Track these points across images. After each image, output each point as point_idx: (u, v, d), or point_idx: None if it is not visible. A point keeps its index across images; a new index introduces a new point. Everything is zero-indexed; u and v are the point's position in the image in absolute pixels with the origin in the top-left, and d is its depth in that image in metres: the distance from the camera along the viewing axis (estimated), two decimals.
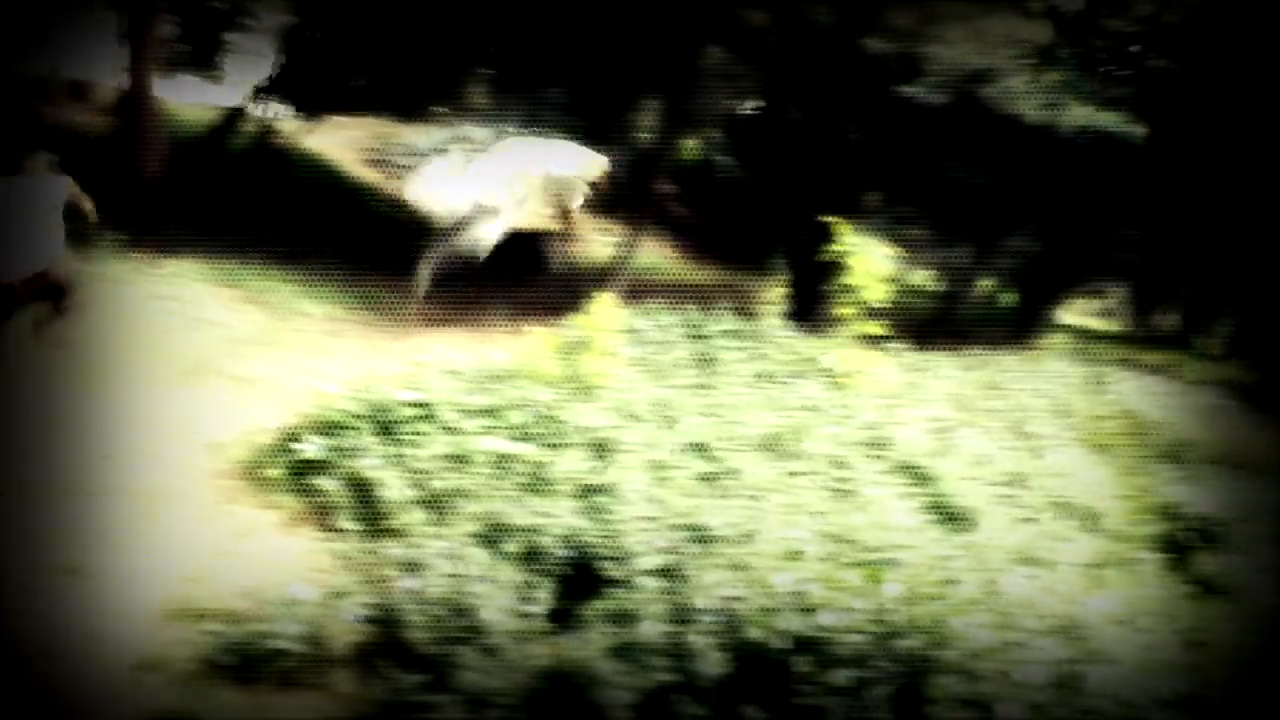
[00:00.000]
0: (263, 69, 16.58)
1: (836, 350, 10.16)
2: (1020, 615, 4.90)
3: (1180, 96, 17.86)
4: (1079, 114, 16.88)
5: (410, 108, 17.71)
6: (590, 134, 16.62)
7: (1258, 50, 17.36)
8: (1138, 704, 4.18)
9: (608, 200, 16.50)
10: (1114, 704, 4.19)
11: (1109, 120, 16.93)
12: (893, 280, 10.53)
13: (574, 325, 9.00)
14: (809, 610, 4.56)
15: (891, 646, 4.32)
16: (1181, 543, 8.01)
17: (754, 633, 4.46)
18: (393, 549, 5.65)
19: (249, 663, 4.67)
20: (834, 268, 10.38)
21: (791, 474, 7.31)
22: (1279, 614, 7.02)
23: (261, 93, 16.35)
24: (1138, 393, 13.72)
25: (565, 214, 12.92)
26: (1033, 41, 17.36)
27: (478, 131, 13.96)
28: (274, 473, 6.49)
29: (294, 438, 6.78)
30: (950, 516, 7.09)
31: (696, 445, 7.54)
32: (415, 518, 6.01)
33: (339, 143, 19.45)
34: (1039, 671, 4.35)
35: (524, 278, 13.45)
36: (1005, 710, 4.04)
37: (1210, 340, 22.90)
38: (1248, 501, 8.85)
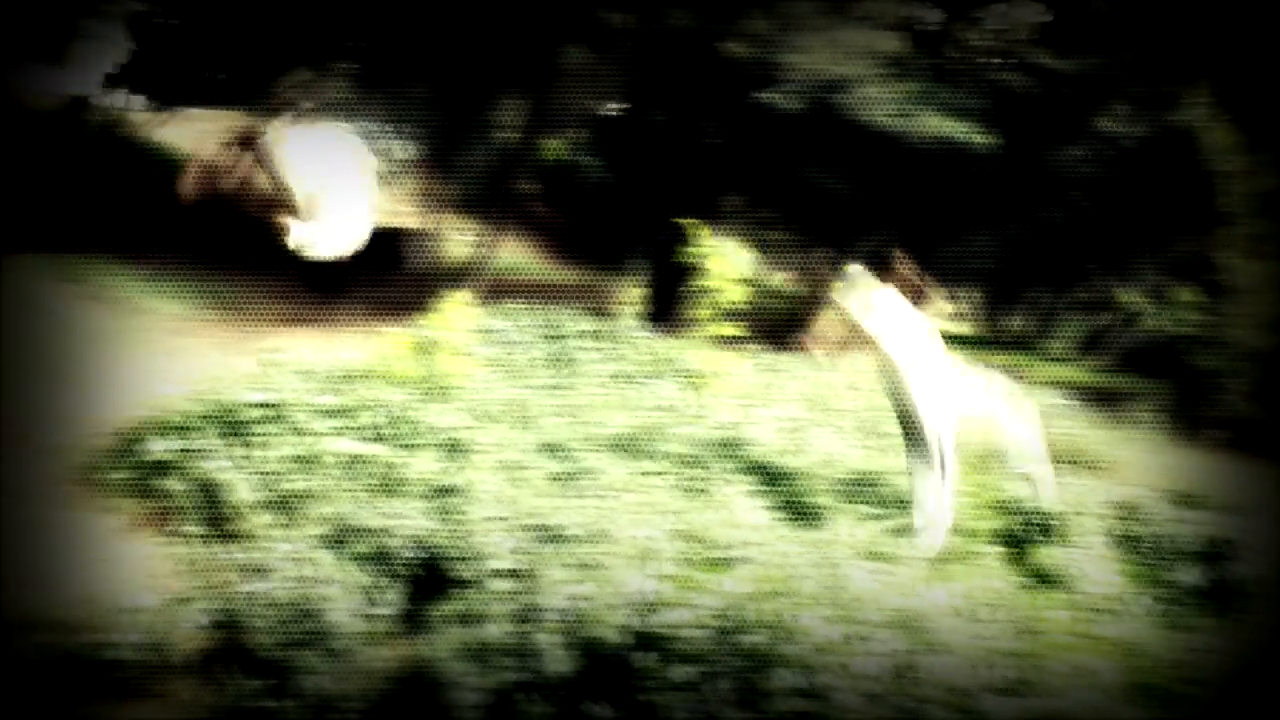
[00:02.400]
0: (113, 57, 16.02)
1: (693, 351, 10.25)
2: (862, 609, 5.01)
3: (1027, 109, 18.48)
4: (931, 123, 17.31)
5: (267, 101, 17.34)
6: (450, 130, 16.51)
7: (1096, 67, 18.06)
8: (970, 691, 4.31)
9: (467, 199, 16.40)
10: (947, 692, 4.31)
11: (959, 130, 17.41)
12: (750, 282, 10.68)
13: (429, 325, 8.92)
14: (656, 608, 4.60)
15: (735, 642, 4.39)
16: (1020, 537, 8.30)
17: (601, 631, 4.48)
18: (237, 553, 5.52)
19: (85, 673, 4.52)
20: (692, 270, 10.48)
21: (645, 474, 7.37)
22: (1109, 602, 7.33)
23: (112, 82, 15.78)
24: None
25: None
26: (887, 52, 17.76)
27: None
28: (114, 476, 6.29)
29: (136, 439, 6.57)
30: (799, 514, 7.23)
31: (551, 446, 7.55)
32: (261, 520, 5.89)
33: (192, 135, 18.91)
34: (876, 663, 4.45)
35: (380, 276, 13.27)
36: (842, 700, 4.13)
37: (1055, 343, 23.73)
38: (1081, 496, 9.20)
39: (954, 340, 22.51)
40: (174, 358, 8.89)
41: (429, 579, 5.47)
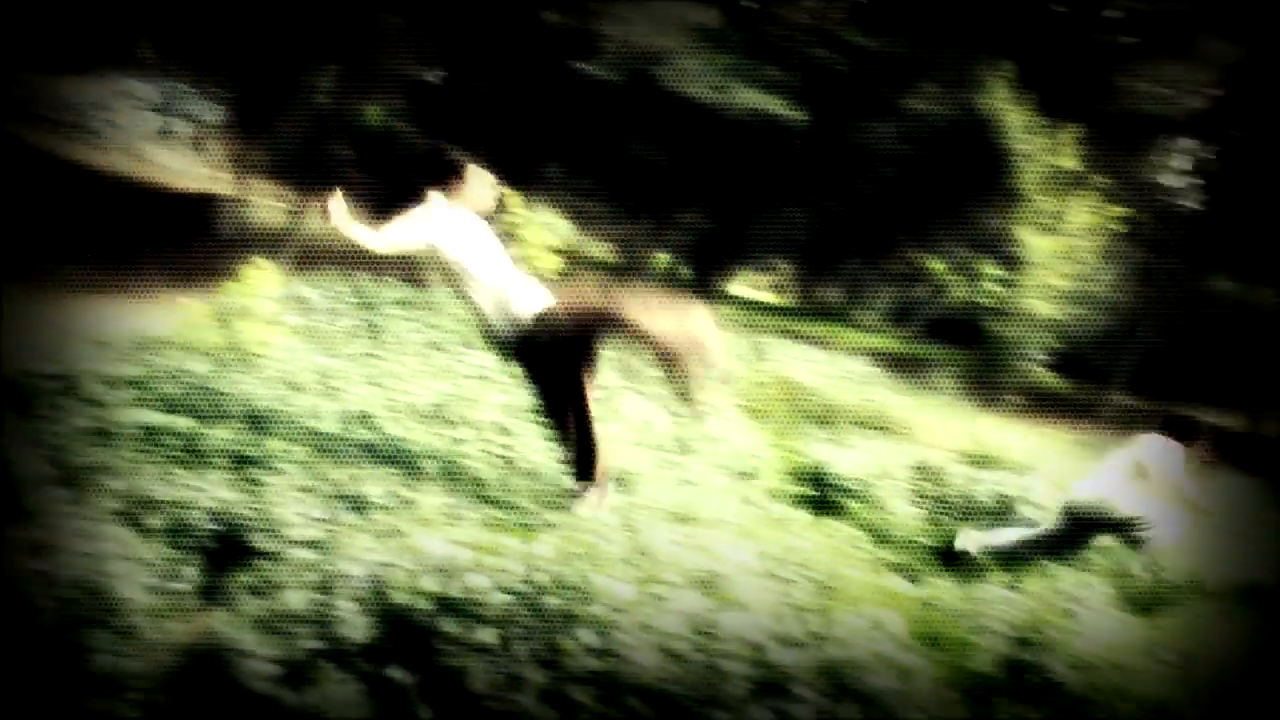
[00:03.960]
0: None
1: None
2: (667, 570, 5.10)
3: (839, 86, 18.99)
4: (747, 97, 17.64)
5: (70, 61, 16.57)
6: (263, 94, 16.04)
7: (904, 46, 18.67)
8: (766, 645, 4.44)
9: (280, 164, 16.00)
10: (744, 646, 4.43)
11: (774, 104, 17.79)
12: (566, 252, 10.72)
13: (234, 293, 8.68)
14: (459, 574, 4.60)
15: (538, 605, 4.43)
16: (826, 500, 8.59)
17: (402, 598, 4.46)
18: (26, 530, 5.28)
19: None
20: (505, 238, 10.44)
21: (457, 441, 7.34)
22: (908, 558, 7.65)
23: None
24: (795, 361, 14.54)
25: None
26: (705, 26, 17.99)
27: (142, 88, 13.21)
28: None
29: None
30: (614, 480, 7.31)
31: (360, 415, 7.45)
32: (50, 496, 5.64)
33: None
34: (678, 621, 4.55)
35: (186, 243, 12.85)
36: (640, 658, 4.21)
37: (866, 313, 24.56)
38: (883, 458, 9.56)
39: (770, 310, 23.12)
40: None
41: (228, 551, 5.34)
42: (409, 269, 11.64)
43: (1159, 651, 5.79)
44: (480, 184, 6.69)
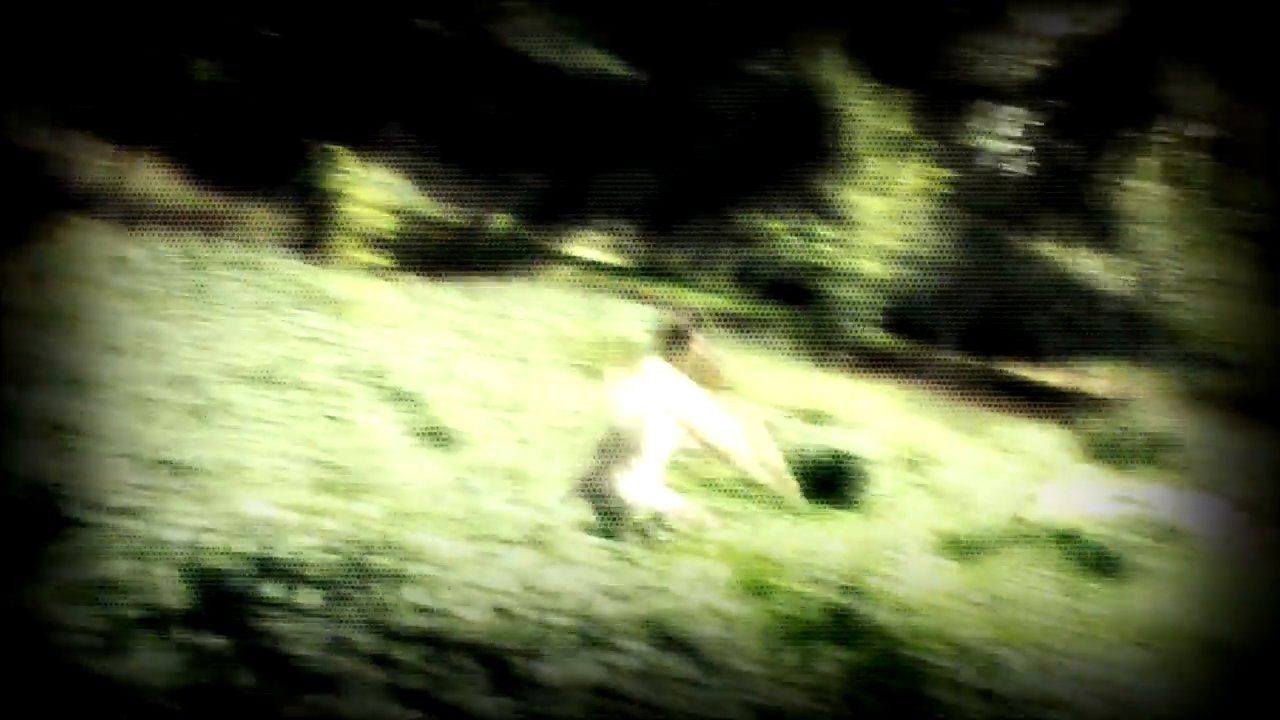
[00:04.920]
0: None
1: (339, 280, 10.10)
2: (499, 528, 5.13)
3: (678, 47, 19.10)
4: (586, 57, 17.63)
5: None
6: (87, 45, 15.37)
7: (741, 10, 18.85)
8: (586, 596, 4.52)
9: (104, 119, 15.36)
10: (572, 600, 4.50)
11: (613, 64, 17.81)
12: (400, 211, 10.60)
13: (53, 253, 8.36)
14: (283, 535, 4.55)
15: (364, 565, 4.41)
16: None
17: (224, 562, 4.39)
18: None
19: None
20: (339, 198, 10.28)
21: (286, 404, 7.23)
22: (738, 509, 7.84)
23: None
24: (632, 320, 14.63)
25: None
26: None
27: None
28: None
29: None
30: (443, 440, 7.30)
31: (185, 378, 7.26)
32: None
33: None
34: (507, 578, 4.58)
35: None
36: (469, 615, 4.24)
37: (705, 274, 24.79)
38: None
39: (611, 270, 23.18)
40: None
41: (42, 520, 5.17)
42: (238, 228, 11.38)
43: (971, 594, 6.07)
44: (706, 355, 6.69)
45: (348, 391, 7.63)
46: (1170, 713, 4.85)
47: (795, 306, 18.29)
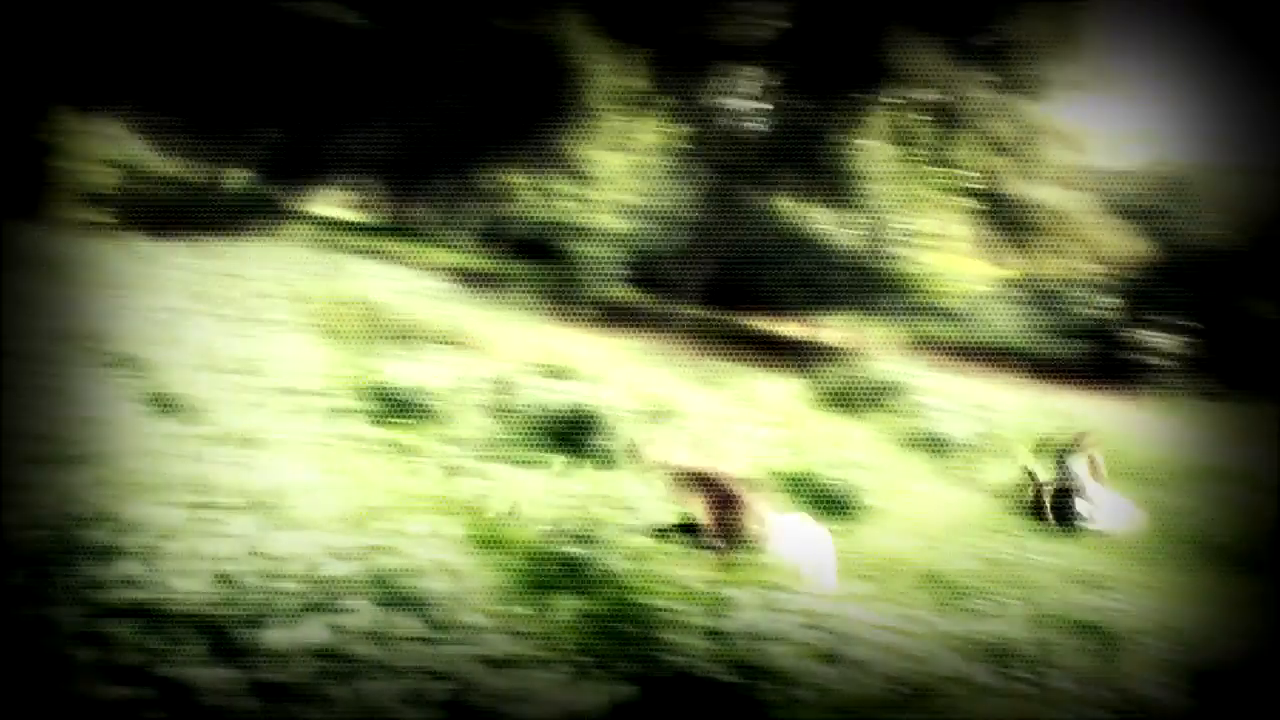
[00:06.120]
0: None
1: (55, 239, 9.50)
2: (224, 495, 5.00)
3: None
4: (318, 7, 17.13)
5: None
6: None
7: None
8: (319, 561, 4.47)
9: None
10: (298, 564, 4.44)
11: (348, 15, 17.35)
12: (123, 166, 10.04)
13: None
14: None
15: (70, 539, 4.22)
16: (398, 415, 8.66)
17: None
18: None
19: None
20: (54, 153, 9.65)
21: None
22: (477, 468, 7.86)
23: None
24: (375, 279, 14.39)
25: None
26: None
27: None
28: None
29: None
30: (168, 407, 7.00)
31: None
32: None
33: None
34: (231, 544, 4.48)
35: None
36: (188, 585, 4.13)
37: (451, 231, 24.53)
38: (461, 373, 9.76)
39: (354, 228, 22.64)
40: None
41: None
42: None
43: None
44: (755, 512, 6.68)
45: (64, 359, 7.20)
46: (879, 637, 5.20)
47: (539, 262, 18.34)
